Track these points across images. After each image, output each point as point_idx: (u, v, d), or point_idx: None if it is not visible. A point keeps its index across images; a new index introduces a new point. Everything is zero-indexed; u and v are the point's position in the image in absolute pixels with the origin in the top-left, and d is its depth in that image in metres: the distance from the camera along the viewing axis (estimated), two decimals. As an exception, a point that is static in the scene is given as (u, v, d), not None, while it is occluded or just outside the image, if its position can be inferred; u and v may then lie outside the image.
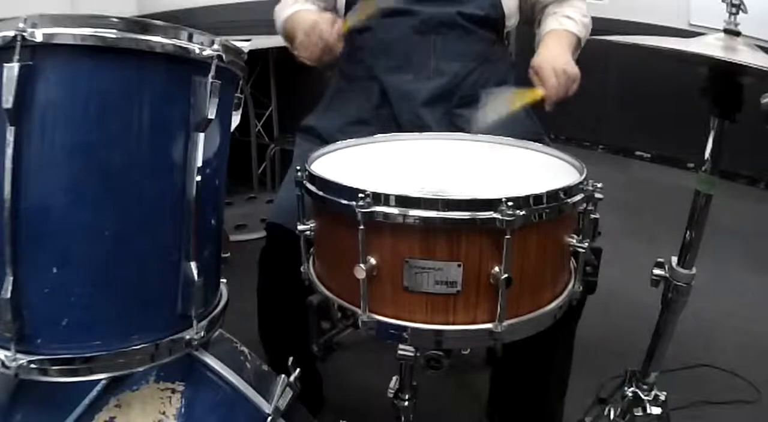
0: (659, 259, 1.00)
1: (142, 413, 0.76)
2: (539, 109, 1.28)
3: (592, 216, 0.76)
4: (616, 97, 3.78)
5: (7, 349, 0.67)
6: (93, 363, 0.69)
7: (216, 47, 0.71)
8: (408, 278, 0.70)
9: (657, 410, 1.03)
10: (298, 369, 0.86)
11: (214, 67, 0.70)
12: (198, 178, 0.72)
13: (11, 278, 0.65)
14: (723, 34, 0.87)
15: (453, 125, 1.18)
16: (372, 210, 0.68)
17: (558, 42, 1.20)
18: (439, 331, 0.72)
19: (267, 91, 3.03)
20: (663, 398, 1.04)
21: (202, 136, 0.71)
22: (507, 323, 0.70)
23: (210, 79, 0.70)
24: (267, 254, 1.18)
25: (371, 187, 0.69)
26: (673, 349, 1.04)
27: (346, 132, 1.07)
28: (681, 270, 0.97)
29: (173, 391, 0.78)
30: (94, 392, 0.74)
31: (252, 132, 2.99)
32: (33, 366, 0.68)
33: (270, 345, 1.24)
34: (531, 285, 0.73)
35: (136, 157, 0.69)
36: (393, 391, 0.92)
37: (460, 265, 0.69)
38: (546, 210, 0.69)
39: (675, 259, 0.98)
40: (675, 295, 0.98)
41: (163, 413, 0.77)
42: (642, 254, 1.47)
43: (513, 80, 1.26)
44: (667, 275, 0.98)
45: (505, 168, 0.93)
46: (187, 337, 0.75)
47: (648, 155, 3.83)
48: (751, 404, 1.53)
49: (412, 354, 0.78)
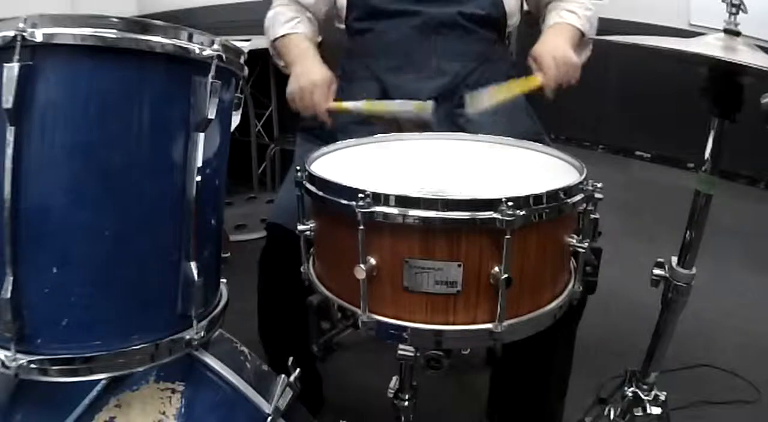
0: (659, 259, 1.00)
1: (142, 413, 0.76)
2: (539, 109, 1.29)
3: (592, 216, 0.76)
4: (616, 97, 3.78)
5: (7, 349, 0.67)
6: (93, 363, 0.69)
7: (216, 47, 0.71)
8: (408, 278, 0.70)
9: (657, 410, 1.03)
10: (298, 369, 0.86)
11: (214, 67, 0.70)
12: (198, 178, 0.72)
13: (11, 278, 0.65)
14: (723, 34, 0.87)
15: (454, 125, 1.18)
16: (372, 210, 0.68)
17: (558, 33, 1.20)
18: (439, 331, 0.71)
19: (267, 91, 3.02)
20: (663, 398, 1.04)
21: (202, 136, 0.71)
22: (507, 323, 0.70)
23: (210, 79, 0.70)
24: (267, 254, 1.18)
25: (371, 187, 0.69)
26: (673, 349, 1.04)
27: (347, 132, 1.07)
28: (681, 270, 0.97)
29: (173, 391, 0.78)
30: (94, 392, 0.74)
31: (252, 132, 2.99)
32: (33, 366, 0.68)
33: (270, 345, 1.24)
34: (531, 285, 0.73)
35: (136, 157, 0.69)
36: (393, 391, 0.92)
37: (460, 265, 0.68)
38: (546, 210, 0.69)
39: (675, 259, 0.98)
40: (675, 295, 0.98)
41: (163, 413, 0.77)
42: (642, 254, 1.47)
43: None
44: (667, 275, 0.98)
45: (505, 168, 0.93)
46: (187, 337, 0.75)
47: (648, 155, 3.83)
48: (751, 404, 1.53)
49: (412, 354, 0.78)
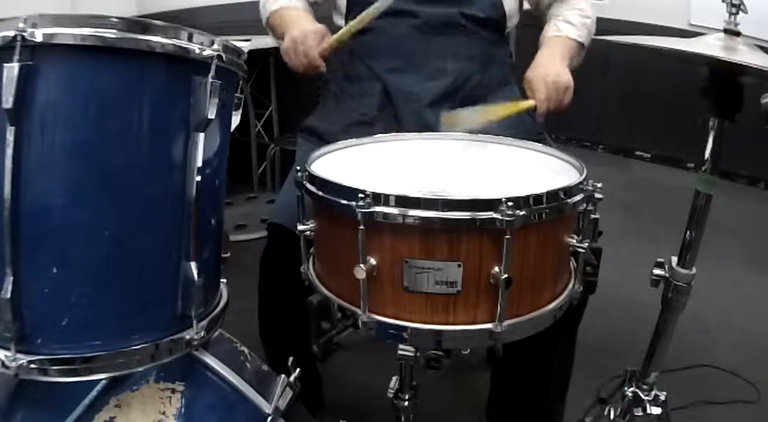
0: (659, 259, 1.00)
1: (142, 413, 0.76)
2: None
3: (592, 216, 0.76)
4: (616, 97, 3.78)
5: (7, 349, 0.67)
6: (93, 363, 0.69)
7: (216, 47, 0.71)
8: (408, 278, 0.70)
9: (657, 410, 1.03)
10: (298, 369, 0.86)
11: (214, 67, 0.70)
12: (198, 178, 0.72)
13: (11, 278, 0.65)
14: (723, 34, 0.87)
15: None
16: (372, 210, 0.68)
17: (553, 51, 1.21)
18: (439, 331, 0.71)
19: (267, 91, 3.03)
20: (663, 398, 1.04)
21: (202, 136, 0.71)
22: (507, 323, 0.70)
23: (210, 79, 0.70)
24: (268, 254, 1.18)
25: (371, 187, 0.69)
26: (673, 349, 1.04)
27: (348, 133, 1.07)
28: (681, 270, 0.97)
29: (173, 391, 0.78)
30: (94, 392, 0.74)
31: (252, 132, 2.99)
32: (33, 366, 0.68)
33: (270, 345, 1.24)
34: (531, 285, 0.73)
35: (136, 157, 0.69)
36: (393, 391, 0.92)
37: (460, 265, 0.68)
38: (546, 210, 0.69)
39: (675, 259, 0.98)
40: (675, 295, 0.98)
41: (163, 413, 0.76)
42: (642, 254, 1.47)
43: (514, 80, 1.26)
44: (667, 275, 0.98)
45: (505, 168, 0.92)
46: (187, 337, 0.75)
47: (648, 155, 3.83)
48: (751, 404, 1.53)
49: (412, 354, 0.78)
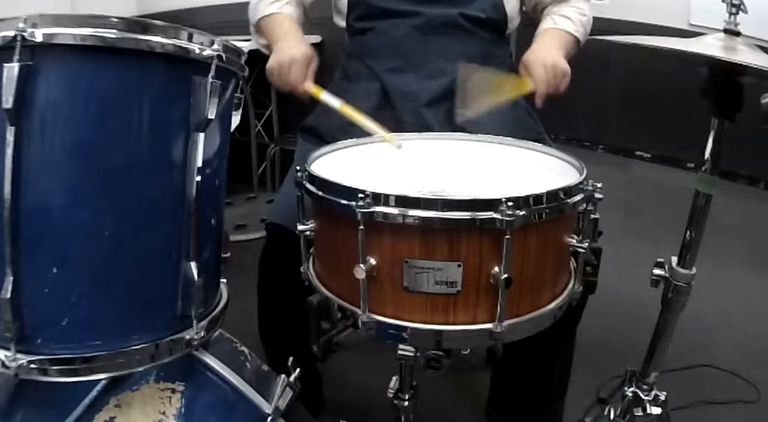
0: (659, 259, 1.00)
1: (142, 413, 0.76)
2: (539, 109, 1.28)
3: (592, 216, 0.76)
4: (616, 97, 3.78)
5: (7, 349, 0.67)
6: (93, 363, 0.69)
7: (216, 47, 0.71)
8: (408, 278, 0.70)
9: (657, 410, 1.03)
10: (298, 369, 0.86)
11: (214, 67, 0.70)
12: (198, 178, 0.71)
13: (11, 278, 0.65)
14: (723, 34, 0.87)
15: (454, 125, 1.18)
16: (372, 210, 0.68)
17: (550, 39, 1.21)
18: (439, 331, 0.71)
19: (267, 91, 3.03)
20: (663, 398, 1.04)
21: (202, 136, 0.71)
22: (507, 323, 0.70)
23: (210, 79, 0.70)
24: (267, 254, 1.18)
25: (371, 187, 0.69)
26: (673, 349, 1.04)
27: (347, 132, 1.07)
28: (681, 270, 0.97)
29: (173, 391, 0.78)
30: (94, 392, 0.74)
31: (252, 132, 2.99)
32: (33, 366, 0.68)
33: (270, 345, 1.24)
34: (531, 286, 0.73)
35: (136, 157, 0.69)
36: (393, 391, 0.92)
37: (460, 265, 0.68)
38: (546, 210, 0.69)
39: (675, 259, 0.98)
40: (675, 295, 0.98)
41: (163, 413, 0.76)
42: (642, 254, 1.47)
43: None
44: (667, 275, 0.98)
45: (505, 168, 0.92)
46: (187, 337, 0.75)
47: (648, 155, 3.83)
48: (751, 404, 1.53)
49: (412, 354, 0.78)
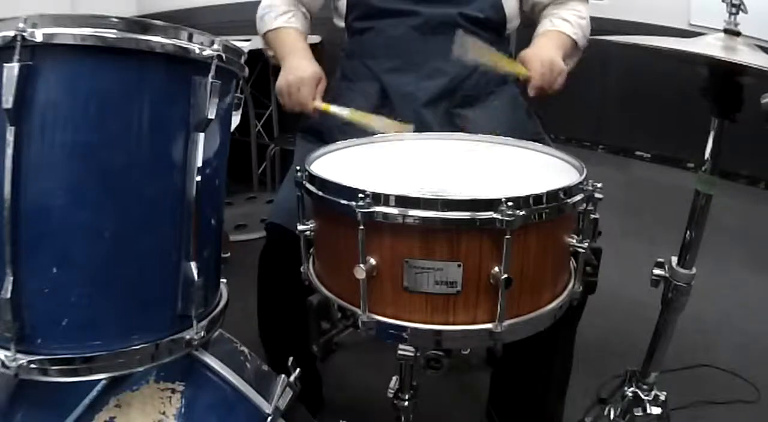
0: (659, 259, 1.00)
1: (142, 413, 0.76)
2: (539, 109, 1.29)
3: (592, 216, 0.76)
4: (616, 97, 3.78)
5: (7, 349, 0.67)
6: (93, 363, 0.69)
7: (216, 47, 0.71)
8: (408, 278, 0.70)
9: (657, 410, 1.03)
10: (298, 369, 0.86)
11: (214, 67, 0.70)
12: (198, 178, 0.71)
13: (11, 278, 0.65)
14: (723, 34, 0.87)
15: (454, 125, 1.18)
16: (372, 210, 0.68)
17: (548, 41, 1.22)
18: (439, 331, 0.71)
19: (267, 91, 3.03)
20: (663, 398, 1.04)
21: (202, 136, 0.71)
22: (507, 323, 0.70)
23: (210, 79, 0.70)
24: (267, 254, 1.18)
25: (371, 187, 0.69)
26: (673, 349, 1.04)
27: (346, 132, 1.07)
28: (681, 270, 0.97)
29: (173, 391, 0.78)
30: (94, 392, 0.74)
31: (252, 132, 2.99)
32: (33, 366, 0.68)
33: (270, 345, 1.24)
34: (531, 285, 0.73)
35: (136, 157, 0.69)
36: (393, 391, 0.92)
37: (459, 265, 0.68)
38: (546, 210, 0.69)
39: (675, 259, 0.98)
40: (675, 295, 0.98)
41: (163, 413, 0.76)
42: (642, 254, 1.47)
43: (513, 81, 1.26)
44: (667, 275, 0.98)
45: (505, 168, 0.92)
46: (187, 337, 0.75)
47: (648, 155, 3.83)
48: (751, 404, 1.53)
49: (412, 354, 0.78)
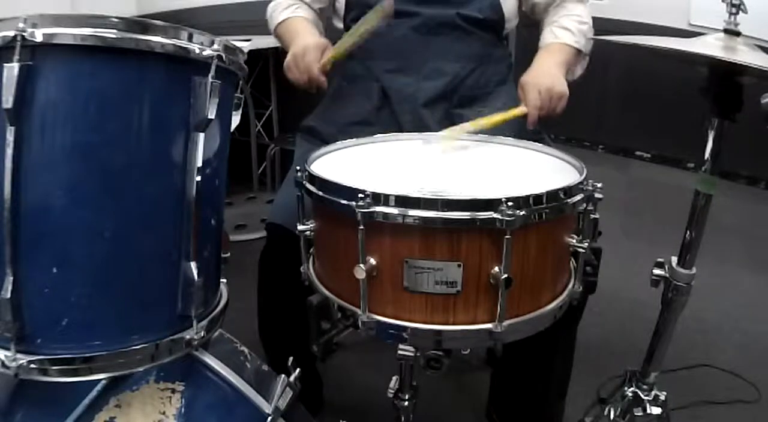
0: (659, 259, 1.00)
1: (142, 413, 0.76)
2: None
3: (592, 216, 0.76)
4: (616, 97, 3.78)
5: (7, 349, 0.67)
6: (93, 363, 0.69)
7: (216, 47, 0.71)
8: (408, 278, 0.70)
9: (657, 410, 1.03)
10: (298, 369, 0.86)
11: (214, 67, 0.70)
12: (198, 178, 0.71)
13: (11, 278, 0.65)
14: (723, 34, 0.87)
15: (453, 125, 1.18)
16: (372, 210, 0.68)
17: (549, 57, 1.19)
18: (439, 331, 0.72)
19: (267, 91, 3.03)
20: (663, 398, 1.04)
21: (202, 136, 0.71)
22: (507, 323, 0.70)
23: (210, 79, 0.70)
24: (267, 254, 1.18)
25: (371, 187, 0.69)
26: (673, 349, 1.04)
27: (346, 132, 1.07)
28: (681, 270, 0.97)
29: (173, 391, 0.78)
30: (94, 392, 0.74)
31: (252, 132, 2.99)
32: (33, 366, 0.68)
33: (270, 345, 1.25)
34: (531, 285, 0.73)
35: (136, 157, 0.69)
36: (393, 391, 0.92)
37: (459, 265, 0.68)
38: (546, 210, 0.69)
39: (675, 259, 0.98)
40: (675, 295, 0.98)
41: (163, 413, 0.77)
42: (642, 254, 1.47)
43: (512, 80, 1.26)
44: (667, 275, 0.98)
45: (505, 168, 0.93)
46: (187, 337, 0.75)
47: (648, 155, 3.83)
48: (751, 404, 1.53)
49: (412, 354, 0.78)
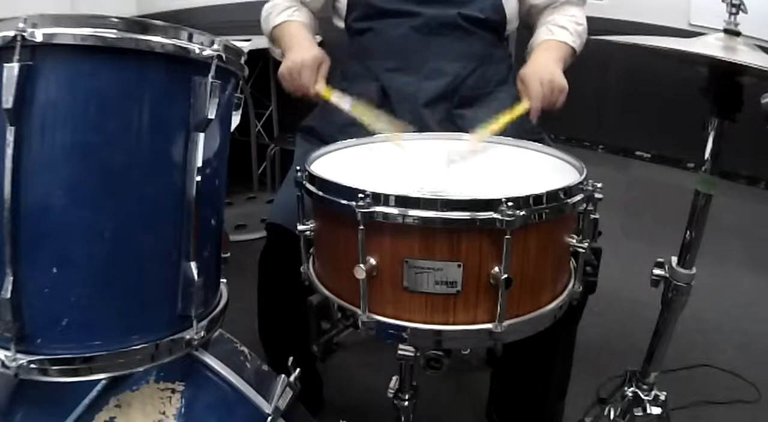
0: (659, 259, 1.00)
1: (142, 413, 0.76)
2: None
3: (592, 216, 0.76)
4: (616, 97, 3.77)
5: (7, 349, 0.67)
6: (93, 363, 0.69)
7: (216, 47, 0.71)
8: (408, 278, 0.70)
9: (657, 410, 1.03)
10: (298, 369, 0.86)
11: (214, 67, 0.70)
12: (198, 178, 0.71)
13: (11, 278, 0.65)
14: (723, 34, 0.87)
15: (453, 125, 1.18)
16: (372, 210, 0.68)
17: (547, 53, 1.20)
18: (439, 331, 0.72)
19: (267, 91, 3.03)
20: (663, 398, 1.04)
21: (202, 136, 0.71)
22: (507, 323, 0.70)
23: (210, 79, 0.70)
24: (267, 254, 1.18)
25: (371, 187, 0.69)
26: (673, 349, 1.04)
27: (346, 132, 1.07)
28: (681, 270, 0.97)
29: (173, 391, 0.78)
30: (94, 392, 0.74)
31: (252, 132, 2.99)
32: (33, 366, 0.68)
33: (270, 345, 1.25)
34: (531, 286, 0.73)
35: (136, 157, 0.69)
36: (393, 391, 0.92)
37: (459, 265, 0.68)
38: (546, 210, 0.69)
39: (675, 259, 0.98)
40: (675, 295, 0.98)
41: (163, 413, 0.77)
42: (642, 254, 1.47)
43: (513, 81, 1.26)
44: (667, 275, 0.98)
45: (505, 168, 0.93)
46: (187, 337, 0.75)
47: (648, 155, 3.82)
48: (751, 404, 1.53)
49: (412, 354, 0.78)
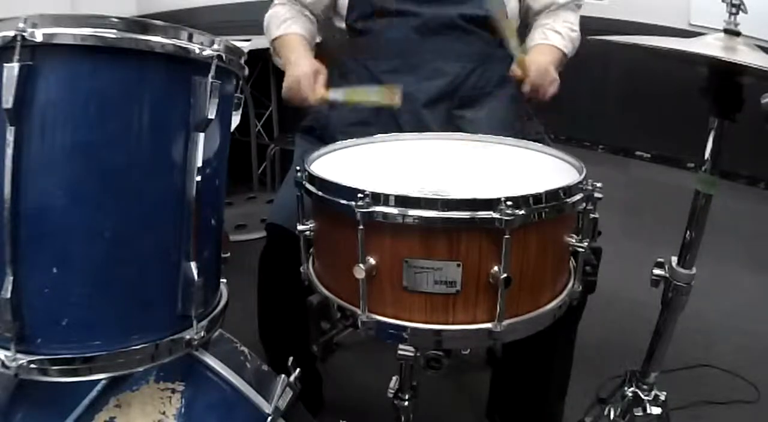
0: (659, 259, 1.00)
1: (142, 413, 0.76)
2: (539, 109, 1.29)
3: (591, 216, 0.76)
4: (616, 97, 3.78)
5: (7, 349, 0.67)
6: (93, 363, 0.69)
7: (216, 47, 0.71)
8: (407, 278, 0.70)
9: (657, 410, 1.03)
10: (298, 369, 0.86)
11: (214, 67, 0.70)
12: (198, 178, 0.71)
13: (11, 278, 0.65)
14: (723, 34, 0.87)
15: (453, 125, 1.18)
16: (371, 210, 0.68)
17: (541, 56, 1.22)
18: (439, 331, 0.72)
19: (267, 91, 3.02)
20: (663, 398, 1.04)
21: (202, 136, 0.71)
22: (506, 323, 0.70)
23: (210, 79, 0.70)
24: (267, 254, 1.18)
25: (371, 187, 0.69)
26: (673, 349, 1.04)
27: (346, 132, 1.07)
28: (681, 270, 0.97)
29: (173, 391, 0.78)
30: (94, 392, 0.74)
31: (252, 132, 2.99)
32: (33, 366, 0.68)
33: (270, 345, 1.25)
34: (530, 285, 0.73)
35: (136, 157, 0.69)
36: (393, 391, 0.92)
37: (459, 265, 0.68)
38: (545, 209, 0.69)
39: (675, 259, 0.98)
40: (675, 295, 0.98)
41: (163, 413, 0.77)
42: (642, 254, 1.47)
43: (513, 81, 1.26)
44: (667, 275, 0.98)
45: (505, 168, 0.93)
46: (187, 337, 0.75)
47: (648, 155, 3.83)
48: (751, 404, 1.53)
49: (412, 354, 0.78)
